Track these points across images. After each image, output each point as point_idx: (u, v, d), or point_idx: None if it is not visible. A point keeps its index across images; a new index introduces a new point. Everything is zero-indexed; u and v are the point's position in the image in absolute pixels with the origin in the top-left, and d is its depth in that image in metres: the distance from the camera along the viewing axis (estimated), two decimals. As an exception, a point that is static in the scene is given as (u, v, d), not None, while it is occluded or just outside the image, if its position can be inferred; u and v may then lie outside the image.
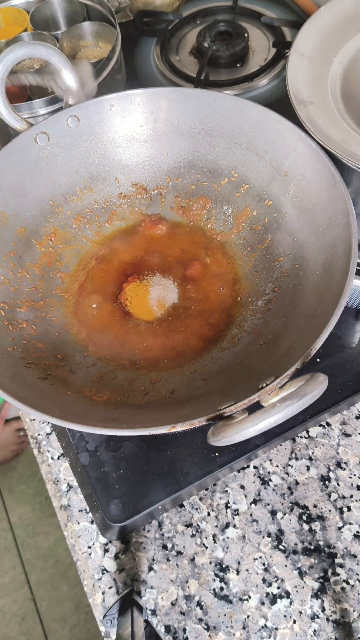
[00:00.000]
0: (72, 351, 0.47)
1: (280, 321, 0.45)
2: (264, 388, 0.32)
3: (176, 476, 0.44)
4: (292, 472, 0.48)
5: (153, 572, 0.44)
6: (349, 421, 0.50)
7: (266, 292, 0.48)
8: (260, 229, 0.51)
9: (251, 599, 0.43)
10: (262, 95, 0.70)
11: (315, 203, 0.45)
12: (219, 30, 0.75)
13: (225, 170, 0.53)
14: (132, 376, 0.46)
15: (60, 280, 0.51)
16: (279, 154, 0.49)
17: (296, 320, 0.43)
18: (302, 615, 0.42)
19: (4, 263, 0.48)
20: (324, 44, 0.56)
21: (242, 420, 0.30)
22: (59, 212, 0.53)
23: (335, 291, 0.38)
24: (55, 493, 0.48)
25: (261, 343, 0.45)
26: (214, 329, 0.48)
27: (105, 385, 0.44)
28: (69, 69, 0.50)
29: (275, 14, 0.78)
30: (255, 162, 0.51)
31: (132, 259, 0.53)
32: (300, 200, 0.47)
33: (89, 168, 0.54)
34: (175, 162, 0.55)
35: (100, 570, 0.44)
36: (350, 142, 0.48)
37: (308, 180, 0.46)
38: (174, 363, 0.47)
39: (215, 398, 0.40)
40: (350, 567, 0.44)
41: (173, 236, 0.54)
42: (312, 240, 0.45)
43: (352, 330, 0.51)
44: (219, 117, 0.51)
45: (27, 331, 0.46)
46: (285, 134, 0.48)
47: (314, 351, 0.34)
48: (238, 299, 0.50)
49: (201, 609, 0.43)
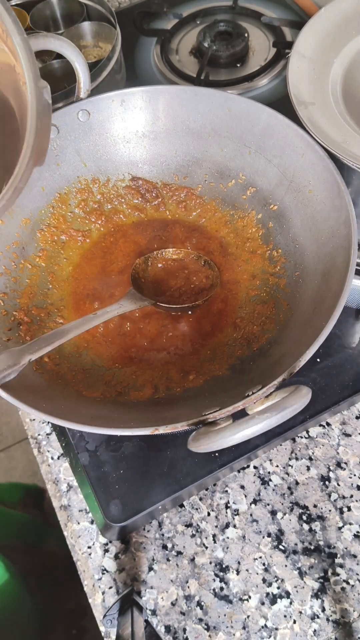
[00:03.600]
0: (68, 345, 0.47)
1: (276, 328, 0.45)
2: (249, 396, 0.32)
3: (176, 476, 0.44)
4: (292, 472, 0.48)
5: (153, 572, 0.44)
6: (349, 421, 0.50)
7: (265, 298, 0.48)
8: (264, 232, 0.51)
9: (251, 599, 0.43)
10: (262, 96, 0.70)
11: (318, 211, 0.45)
12: (219, 30, 0.75)
13: (233, 172, 0.53)
14: (124, 375, 0.46)
15: (62, 272, 0.51)
16: (287, 159, 0.49)
17: (291, 329, 0.43)
18: (302, 615, 0.42)
19: (7, 253, 0.48)
20: (324, 45, 0.56)
21: (220, 429, 0.30)
22: (64, 204, 0.53)
23: (330, 303, 0.38)
24: (55, 493, 0.48)
25: (255, 349, 0.45)
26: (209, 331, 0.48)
27: (97, 382, 0.44)
28: (82, 61, 0.50)
29: (276, 13, 0.78)
30: (263, 165, 0.51)
31: (134, 255, 0.53)
32: (304, 207, 0.47)
33: (97, 162, 0.55)
34: (183, 160, 0.55)
35: (100, 570, 0.44)
36: (351, 142, 0.48)
37: (313, 187, 0.46)
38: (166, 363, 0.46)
39: (204, 402, 0.40)
40: (351, 567, 0.44)
41: (176, 235, 0.54)
42: (314, 249, 0.45)
43: (352, 330, 0.51)
44: (229, 118, 0.51)
45: (25, 322, 0.46)
46: (293, 139, 0.48)
47: (302, 363, 0.34)
48: (235, 302, 0.50)
49: (201, 609, 0.43)
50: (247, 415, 0.30)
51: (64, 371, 0.45)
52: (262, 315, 0.47)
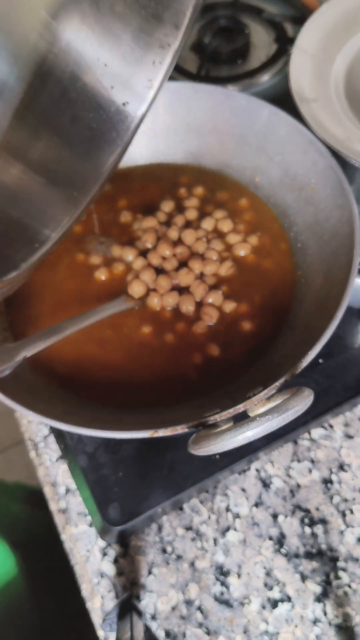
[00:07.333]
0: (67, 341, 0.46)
1: (277, 328, 0.44)
2: (250, 398, 0.32)
3: (176, 479, 0.43)
4: (294, 474, 0.47)
5: (152, 576, 0.43)
6: (351, 423, 0.49)
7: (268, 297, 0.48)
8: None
9: (252, 603, 0.42)
10: (264, 92, 0.69)
11: (320, 209, 0.45)
12: (219, 26, 0.74)
13: (234, 169, 0.53)
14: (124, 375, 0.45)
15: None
16: (289, 157, 0.48)
17: (293, 330, 0.42)
18: (304, 619, 0.42)
19: None
20: (326, 41, 0.55)
21: (221, 432, 0.29)
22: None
23: (333, 303, 0.37)
24: (52, 496, 0.48)
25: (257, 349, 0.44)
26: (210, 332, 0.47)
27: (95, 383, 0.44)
28: None
29: (277, 9, 0.77)
30: (264, 163, 0.50)
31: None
32: (306, 205, 0.47)
33: None
34: (184, 158, 0.55)
35: (99, 574, 0.44)
36: (353, 139, 0.47)
37: (315, 185, 0.46)
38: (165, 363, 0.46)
39: (205, 403, 0.39)
40: (353, 570, 0.43)
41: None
42: (316, 248, 0.45)
43: (355, 330, 0.50)
44: (230, 115, 0.51)
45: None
46: (295, 137, 0.47)
47: (305, 364, 0.34)
48: (238, 301, 0.49)
49: (201, 613, 0.42)
50: (248, 417, 0.30)
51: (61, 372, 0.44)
52: (265, 315, 0.46)
